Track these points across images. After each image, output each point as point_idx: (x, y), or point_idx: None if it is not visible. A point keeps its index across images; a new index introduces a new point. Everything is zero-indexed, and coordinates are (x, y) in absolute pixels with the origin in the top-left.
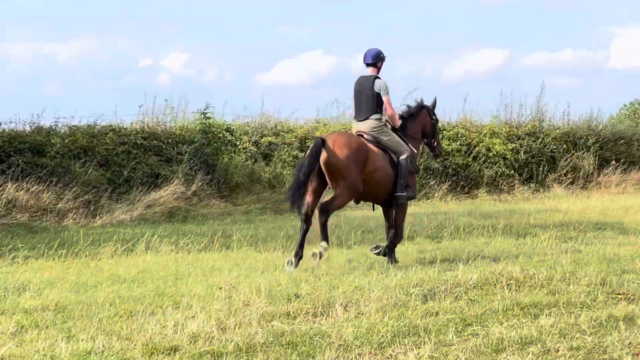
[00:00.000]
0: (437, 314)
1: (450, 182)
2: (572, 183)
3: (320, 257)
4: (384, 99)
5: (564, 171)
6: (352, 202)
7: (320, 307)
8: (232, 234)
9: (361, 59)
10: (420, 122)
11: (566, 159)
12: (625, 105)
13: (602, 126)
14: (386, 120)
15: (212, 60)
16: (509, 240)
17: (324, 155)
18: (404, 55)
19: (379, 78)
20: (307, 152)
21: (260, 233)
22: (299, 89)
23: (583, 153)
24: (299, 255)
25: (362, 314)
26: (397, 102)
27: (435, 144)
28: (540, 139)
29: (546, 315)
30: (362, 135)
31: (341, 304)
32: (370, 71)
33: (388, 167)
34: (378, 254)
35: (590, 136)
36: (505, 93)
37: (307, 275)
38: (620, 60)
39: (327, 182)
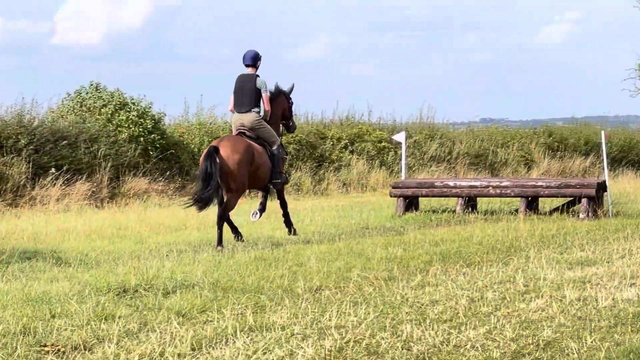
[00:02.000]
0: None
1: None
2: None
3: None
4: (264, 95)
5: None
6: None
7: None
8: None
9: None
10: (280, 107)
11: None
12: (70, 95)
13: (38, 122)
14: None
15: None
16: None
17: (218, 161)
18: None
19: (259, 76)
20: (201, 160)
21: None
22: None
23: (12, 158)
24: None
25: None
26: None
27: (291, 123)
28: None
29: None
30: (244, 133)
31: None
32: (250, 70)
33: (268, 161)
34: (295, 232)
35: (22, 136)
36: None
37: None
38: (67, 35)
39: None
